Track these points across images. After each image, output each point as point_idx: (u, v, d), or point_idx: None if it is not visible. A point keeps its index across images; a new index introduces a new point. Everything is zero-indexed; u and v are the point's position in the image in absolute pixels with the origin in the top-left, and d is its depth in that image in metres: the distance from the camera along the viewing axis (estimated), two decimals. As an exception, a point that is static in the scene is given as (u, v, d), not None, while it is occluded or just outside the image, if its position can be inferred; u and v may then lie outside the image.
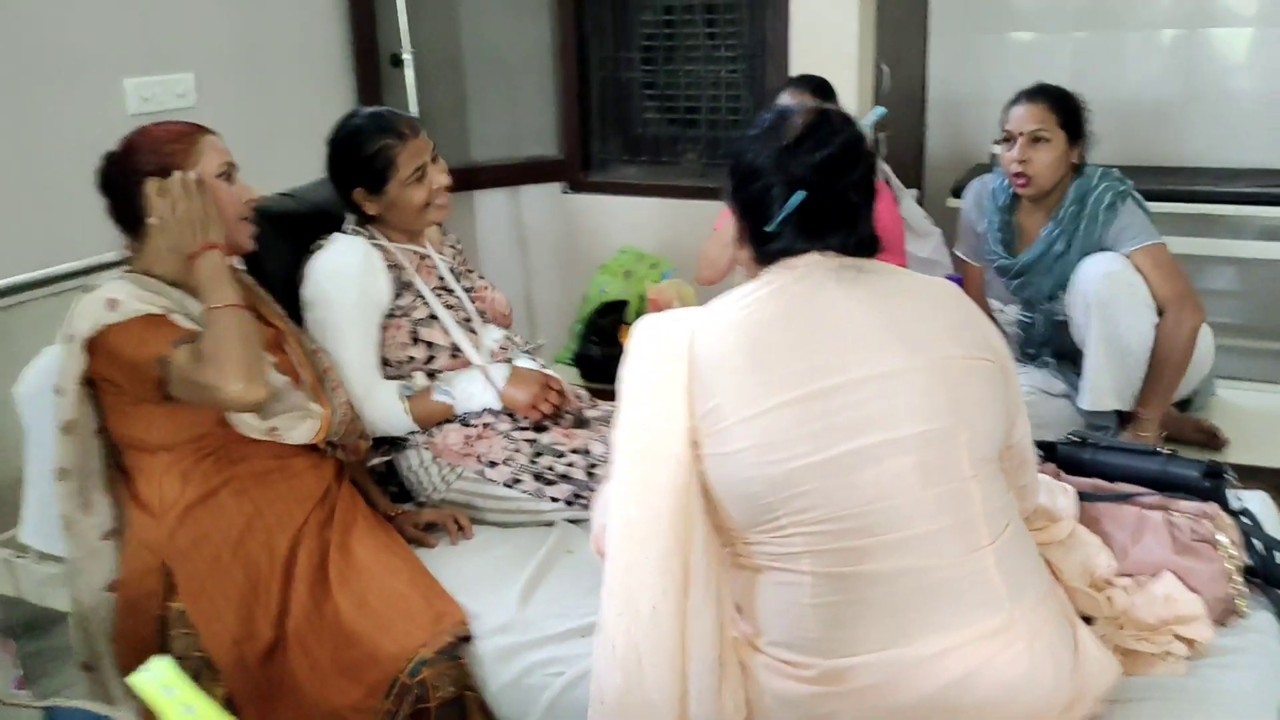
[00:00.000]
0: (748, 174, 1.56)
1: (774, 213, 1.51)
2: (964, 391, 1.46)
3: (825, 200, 1.49)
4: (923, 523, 1.42)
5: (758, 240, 1.56)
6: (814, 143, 1.50)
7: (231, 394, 1.74)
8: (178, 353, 1.78)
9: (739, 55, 3.99)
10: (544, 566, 1.98)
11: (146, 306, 1.82)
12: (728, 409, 1.44)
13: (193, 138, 1.97)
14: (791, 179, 1.50)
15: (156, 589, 1.86)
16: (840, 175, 1.50)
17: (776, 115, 1.59)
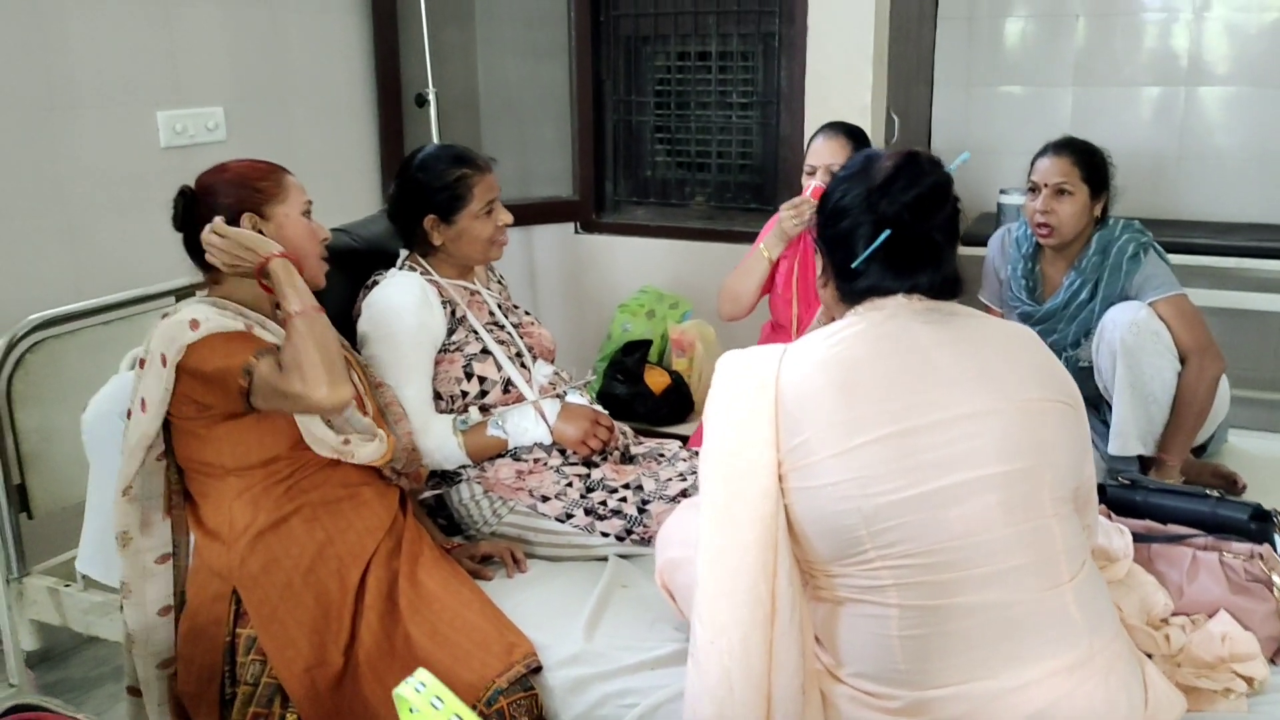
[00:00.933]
0: (836, 213, 1.62)
1: (859, 250, 1.57)
2: (1045, 433, 1.52)
3: (912, 239, 1.55)
4: (1007, 558, 1.47)
5: (843, 277, 1.61)
6: (904, 183, 1.56)
7: (317, 399, 1.77)
8: (261, 362, 1.81)
9: (752, 102, 4.08)
10: (603, 600, 2.01)
11: (229, 323, 1.85)
12: (816, 444, 1.49)
13: (278, 175, 2.02)
14: (880, 218, 1.56)
15: (224, 615, 1.88)
16: (928, 216, 1.56)
17: (865, 158, 1.65)
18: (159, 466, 1.96)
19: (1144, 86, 4.21)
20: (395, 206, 2.35)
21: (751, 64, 4.06)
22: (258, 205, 1.96)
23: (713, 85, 4.13)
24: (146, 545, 1.97)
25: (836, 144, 2.91)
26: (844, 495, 1.47)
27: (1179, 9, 4.08)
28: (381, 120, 3.96)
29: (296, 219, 2.00)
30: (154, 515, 1.98)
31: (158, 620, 2.00)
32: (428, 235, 2.30)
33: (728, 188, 4.20)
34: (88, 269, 3.02)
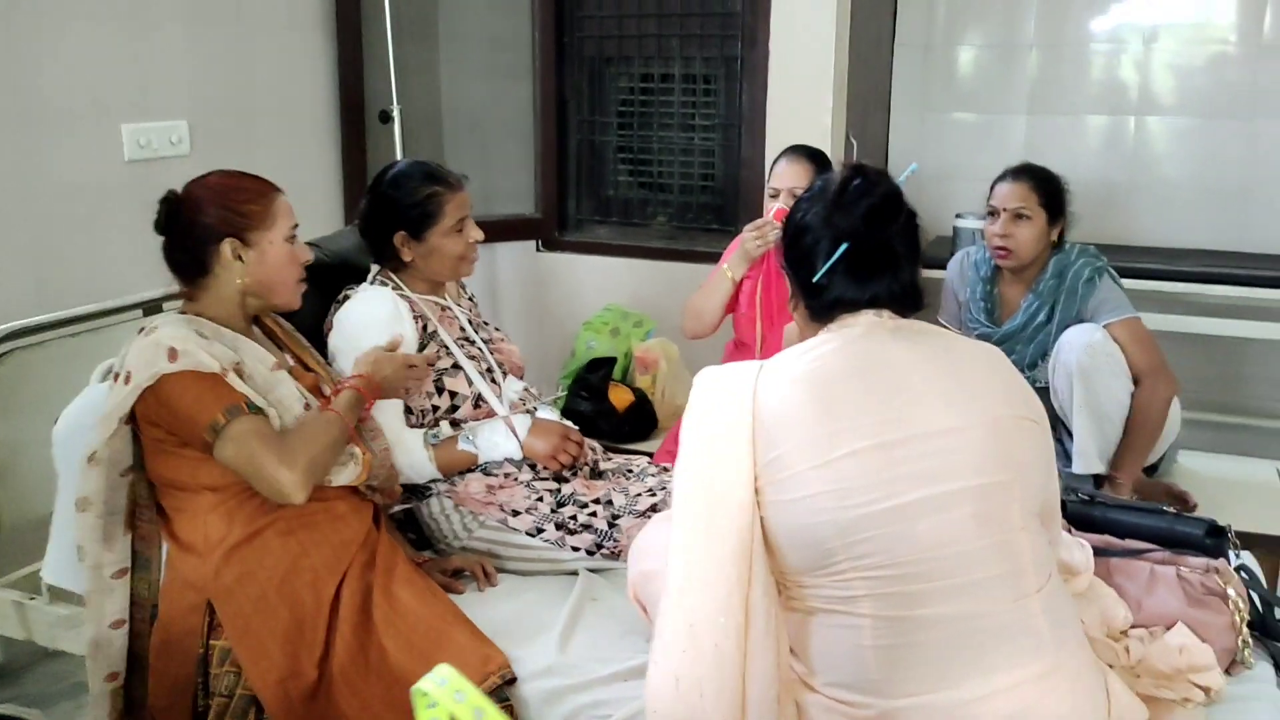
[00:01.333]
0: (798, 233, 1.67)
1: (819, 265, 1.61)
2: (1016, 449, 1.56)
3: (870, 249, 1.61)
4: (977, 570, 1.51)
5: (809, 295, 1.66)
6: (855, 194, 1.61)
7: (284, 480, 1.81)
8: (236, 423, 1.82)
9: (714, 124, 4.13)
10: (575, 614, 2.03)
11: (204, 360, 1.84)
12: (794, 457, 1.52)
13: (269, 198, 2.01)
14: (837, 231, 1.61)
15: (199, 627, 1.87)
16: (883, 225, 1.62)
17: (823, 180, 1.71)
18: (123, 482, 1.96)
19: (1095, 115, 4.32)
20: (366, 222, 2.36)
21: (714, 87, 4.12)
22: (241, 231, 1.96)
23: (675, 107, 4.18)
24: (107, 560, 1.96)
25: (799, 167, 2.96)
26: (821, 507, 1.50)
27: (1127, 41, 4.20)
28: (344, 136, 3.97)
29: (279, 246, 2.00)
30: (115, 530, 1.96)
31: (111, 633, 1.98)
32: (398, 251, 2.31)
33: (689, 208, 4.25)
34: (50, 281, 3.00)
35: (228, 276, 1.97)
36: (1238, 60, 4.06)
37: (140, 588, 1.99)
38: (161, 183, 3.26)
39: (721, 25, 4.02)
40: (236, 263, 1.96)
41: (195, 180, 2.03)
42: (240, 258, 1.96)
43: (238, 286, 1.97)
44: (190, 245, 1.97)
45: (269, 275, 1.98)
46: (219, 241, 1.94)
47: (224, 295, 1.99)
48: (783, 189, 2.94)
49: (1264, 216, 4.12)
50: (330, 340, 2.27)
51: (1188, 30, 4.12)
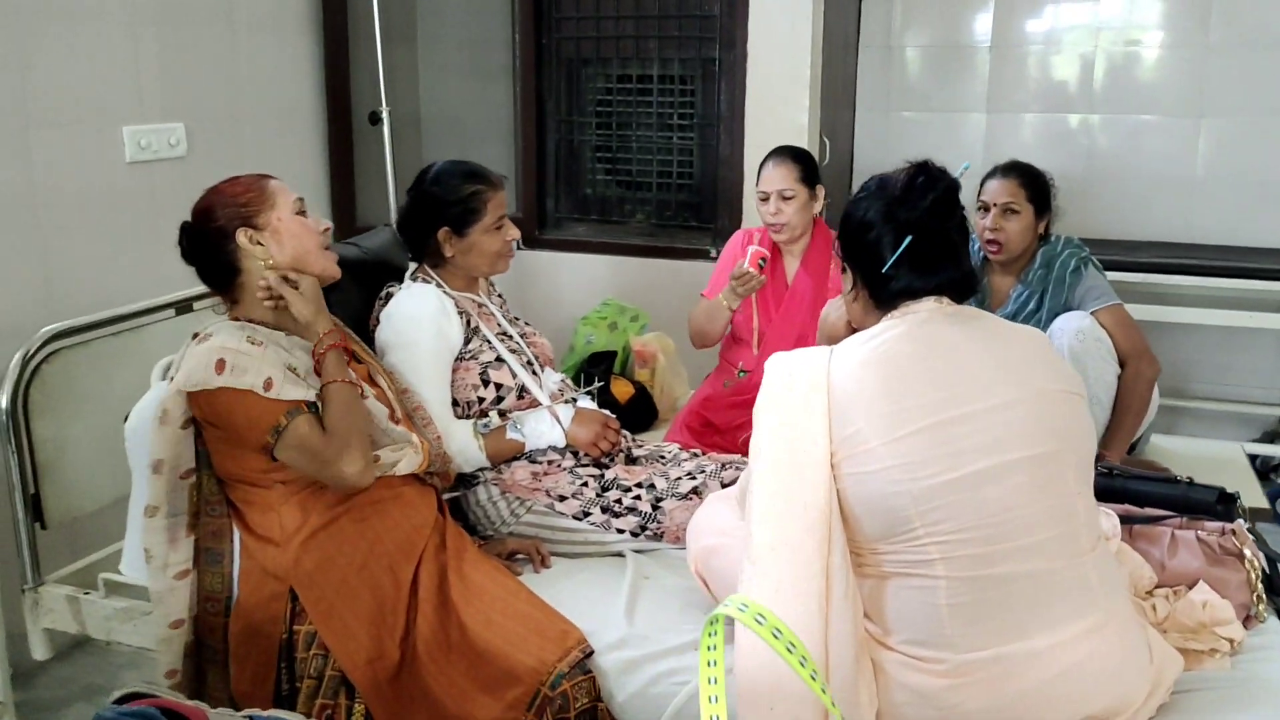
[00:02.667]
0: (860, 228, 1.80)
1: (886, 257, 1.74)
2: (1065, 420, 1.71)
3: (932, 241, 1.74)
4: (1038, 531, 1.65)
5: (875, 285, 1.78)
6: (921, 190, 1.75)
7: (349, 473, 1.89)
8: (297, 421, 1.89)
9: (692, 124, 4.24)
10: (634, 590, 2.12)
11: (255, 373, 1.90)
12: (868, 433, 1.65)
13: (261, 184, 2.07)
14: (902, 225, 1.75)
15: (281, 614, 1.94)
16: (945, 217, 1.76)
17: (878, 179, 1.84)
18: (184, 484, 2.02)
19: (1052, 113, 4.51)
20: (408, 219, 2.43)
21: (691, 87, 4.23)
22: (247, 219, 2.02)
23: (653, 107, 4.28)
24: (172, 561, 2.02)
25: (786, 169, 3.06)
26: (894, 479, 1.63)
27: (1081, 41, 4.40)
28: (331, 137, 4.01)
29: (290, 220, 2.05)
30: (179, 533, 2.03)
31: (169, 633, 2.04)
32: (440, 247, 2.38)
33: (668, 206, 4.35)
34: (58, 282, 3.01)
35: (256, 267, 2.03)
36: (1186, 60, 4.27)
37: (212, 582, 2.05)
38: (162, 184, 3.33)
39: (699, 27, 4.12)
40: (257, 248, 2.02)
41: (197, 202, 2.10)
42: (259, 243, 2.02)
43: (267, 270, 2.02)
44: (213, 254, 2.04)
45: (291, 249, 2.04)
46: (233, 236, 2.01)
47: (258, 292, 2.04)
48: (772, 192, 3.04)
49: (1208, 209, 4.35)
50: (379, 335, 2.34)
51: (1137, 31, 4.32)
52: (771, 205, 3.03)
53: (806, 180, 3.06)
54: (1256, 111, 4.21)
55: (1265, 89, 4.18)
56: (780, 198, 3.01)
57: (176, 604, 2.04)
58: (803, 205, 3.05)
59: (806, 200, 3.06)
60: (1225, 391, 4.48)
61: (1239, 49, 4.19)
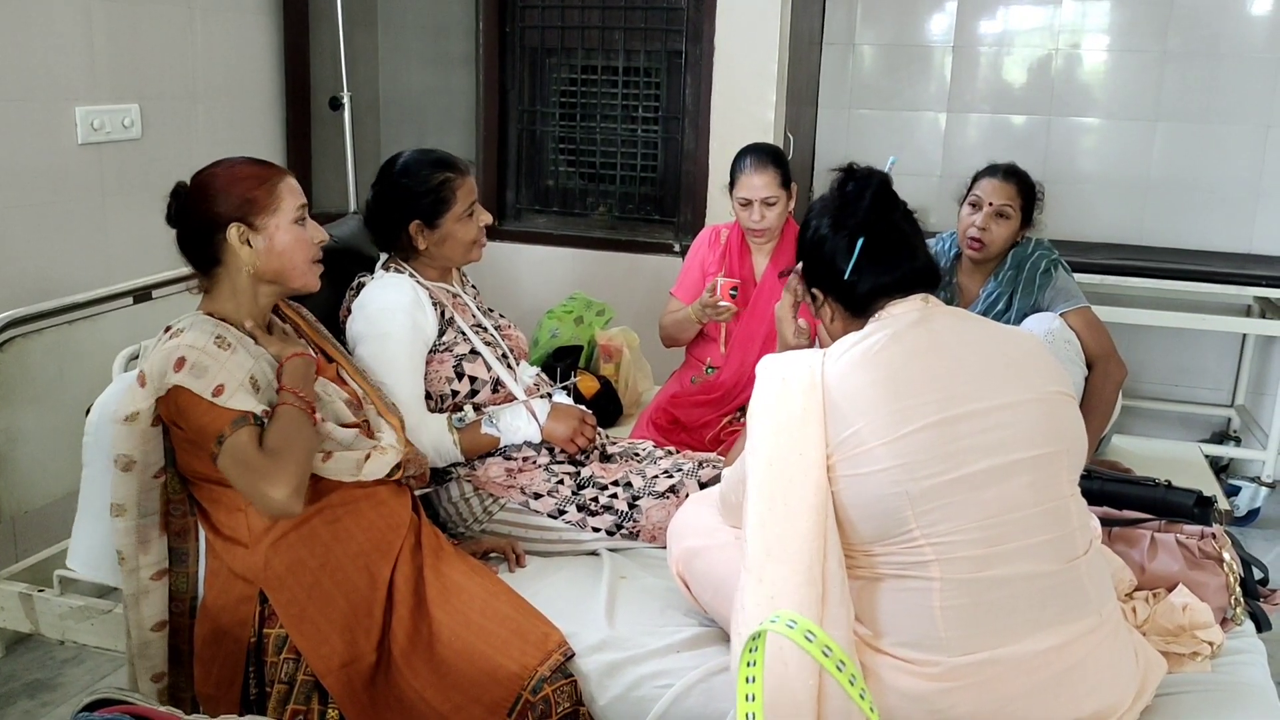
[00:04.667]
0: (814, 245, 1.83)
1: (844, 266, 1.75)
2: (1062, 422, 1.70)
3: (884, 237, 1.76)
4: (1035, 534, 1.63)
5: (843, 294, 1.79)
6: (855, 192, 1.77)
7: (275, 497, 1.75)
8: (239, 434, 1.79)
9: (657, 117, 4.21)
10: (611, 591, 2.08)
11: (210, 377, 1.81)
12: (867, 433, 1.62)
13: (272, 182, 1.97)
14: (850, 230, 1.76)
15: (250, 617, 1.87)
16: (888, 211, 1.78)
17: (820, 198, 1.87)
18: (156, 484, 1.94)
19: (1011, 115, 4.54)
20: (375, 212, 2.36)
21: (657, 80, 4.19)
22: (247, 216, 1.92)
23: (618, 99, 4.24)
24: (145, 563, 1.94)
25: (769, 175, 2.98)
26: (893, 480, 1.61)
27: (1040, 44, 4.42)
28: (290, 122, 3.92)
29: (287, 228, 1.96)
30: (151, 533, 1.95)
31: (152, 636, 1.97)
32: (412, 240, 2.32)
33: (631, 199, 4.31)
34: (4, 268, 2.90)
35: (237, 265, 1.94)
36: (1142, 66, 4.32)
37: (177, 582, 1.98)
38: (115, 167, 3.22)
39: (665, 19, 4.09)
40: (244, 248, 1.92)
41: (201, 170, 1.99)
42: (248, 243, 1.92)
43: (248, 274, 1.94)
44: (199, 235, 1.94)
45: (278, 260, 1.95)
46: (225, 229, 1.91)
47: (238, 286, 1.96)
48: (756, 199, 2.99)
49: (1160, 212, 4.40)
50: (351, 327, 2.28)
51: (1095, 35, 4.36)
52: (755, 213, 2.99)
53: (785, 183, 3.04)
54: (1209, 118, 4.27)
55: (1218, 96, 4.23)
56: (764, 205, 2.98)
57: (155, 606, 1.97)
58: (783, 208, 3.02)
59: (786, 202, 3.03)
60: (1174, 392, 4.54)
61: (1194, 57, 4.24)
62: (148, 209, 1.97)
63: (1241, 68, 4.20)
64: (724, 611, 1.88)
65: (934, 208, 4.29)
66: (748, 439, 1.73)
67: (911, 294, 1.76)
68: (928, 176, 4.62)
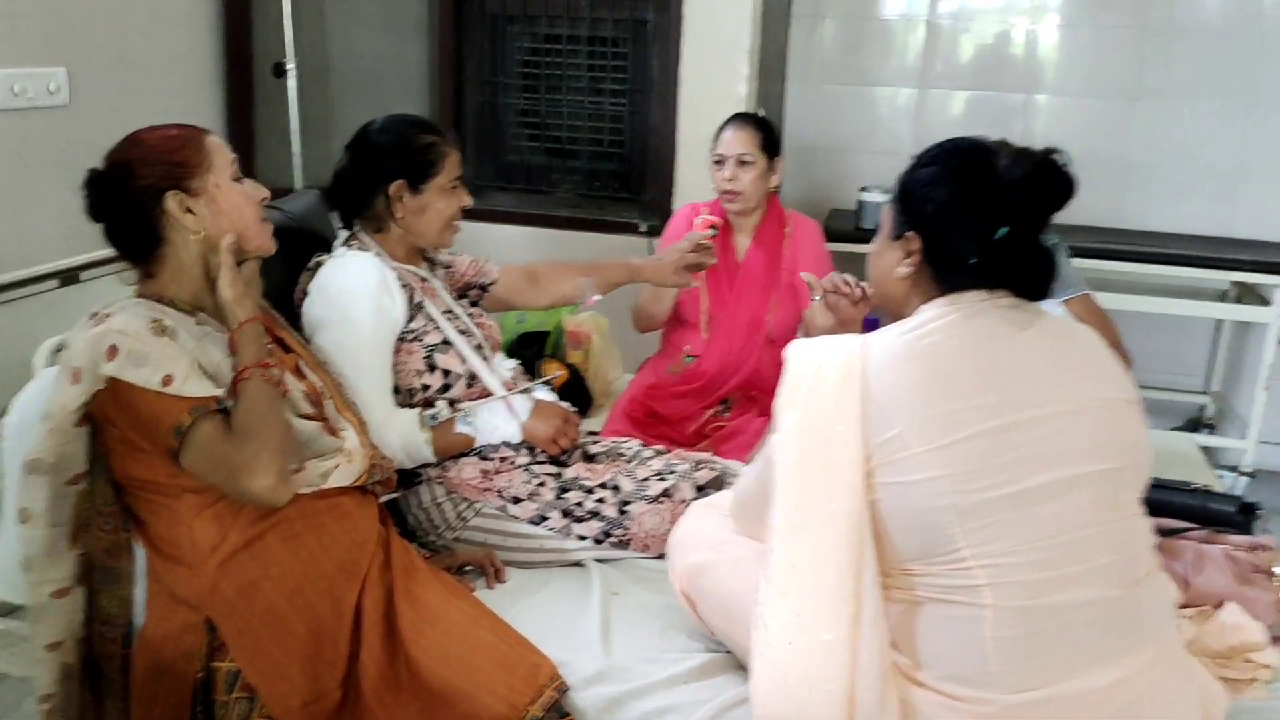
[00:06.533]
0: (953, 204, 1.54)
1: (969, 245, 1.51)
2: (1127, 432, 1.51)
3: (1025, 237, 1.51)
4: (1096, 557, 1.45)
5: (946, 264, 1.55)
6: (1036, 185, 1.50)
7: (258, 488, 1.55)
8: (201, 424, 1.57)
9: (623, 90, 3.99)
10: (605, 610, 1.87)
11: (153, 366, 1.57)
12: (911, 437, 1.43)
13: (196, 141, 1.73)
14: (1004, 215, 1.50)
15: (196, 648, 1.62)
16: (1047, 217, 1.53)
17: (978, 150, 1.57)
18: (70, 491, 1.68)
19: (985, 91, 4.38)
20: (350, 174, 2.12)
21: (623, 50, 3.97)
22: (181, 180, 1.69)
23: (582, 70, 4.01)
24: (50, 576, 1.69)
25: (745, 134, 2.86)
26: (941, 491, 1.41)
27: (1018, 19, 4.26)
28: (229, 89, 3.64)
29: (228, 186, 1.73)
30: (59, 545, 1.69)
31: (45, 655, 1.72)
32: (389, 205, 2.08)
33: (596, 175, 4.09)
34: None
35: (183, 239, 1.70)
36: (1122, 42, 4.18)
37: (109, 604, 1.73)
38: (37, 135, 2.93)
39: (631, -15, 3.87)
40: (188, 217, 1.69)
41: (113, 150, 1.74)
42: (190, 210, 1.69)
43: (196, 248, 1.70)
44: (132, 217, 1.70)
45: (228, 221, 1.72)
46: (160, 201, 1.67)
47: (185, 264, 1.71)
48: (730, 156, 2.83)
49: (1140, 193, 4.26)
50: (308, 311, 2.03)
51: (1075, 10, 4.21)
52: (727, 170, 2.80)
53: (766, 149, 2.85)
54: (1191, 96, 4.13)
55: (1200, 74, 4.10)
56: (738, 163, 2.79)
57: (53, 624, 1.71)
58: (760, 174, 2.83)
59: (764, 170, 2.84)
60: (1148, 378, 4.41)
61: (1176, 33, 4.10)
62: (75, 183, 1.71)
63: (1223, 45, 4.07)
64: (736, 635, 1.68)
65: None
66: (773, 435, 1.53)
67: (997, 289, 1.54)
68: (899, 155, 4.43)
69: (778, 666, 1.45)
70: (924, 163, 1.60)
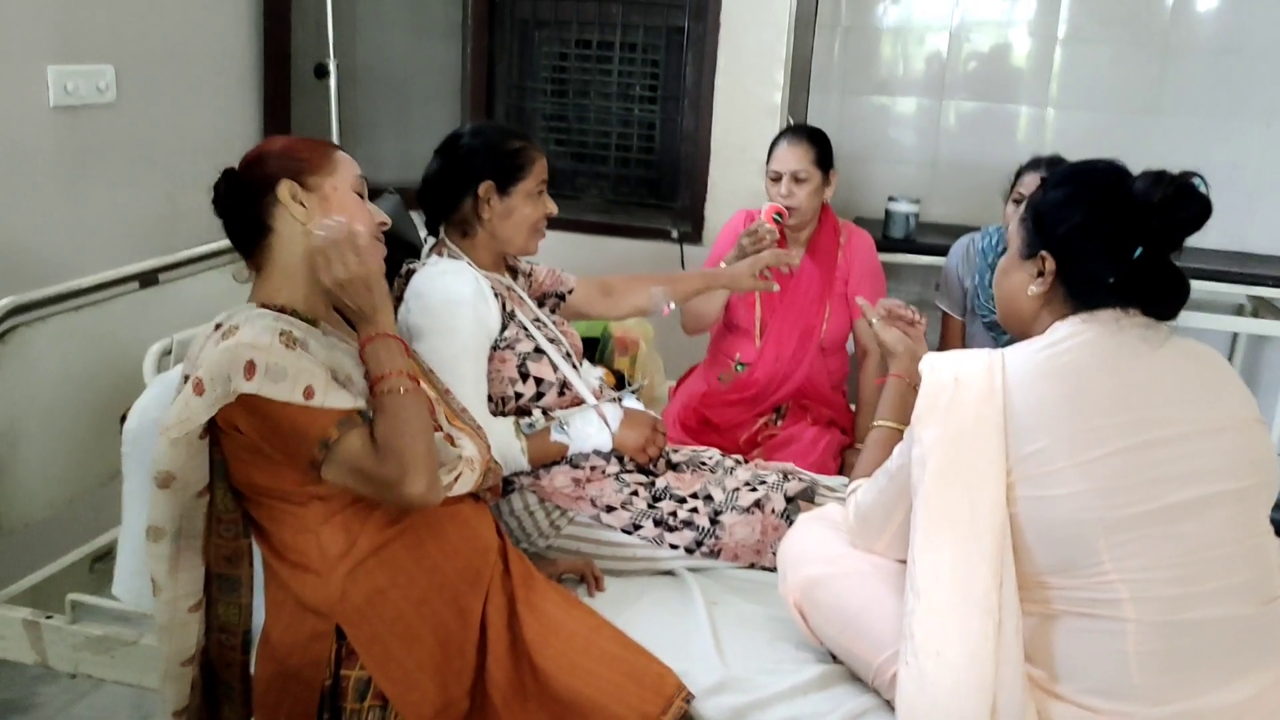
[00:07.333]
0: (1089, 225, 1.56)
1: (1106, 265, 1.54)
2: (1260, 451, 1.54)
3: (1160, 260, 1.54)
4: (1234, 574, 1.48)
5: (1080, 283, 1.57)
6: (1175, 207, 1.52)
7: (413, 493, 1.54)
8: (349, 437, 1.56)
9: (655, 97, 3.99)
10: (712, 620, 1.87)
11: (293, 380, 1.55)
12: (1055, 452, 1.45)
13: (327, 149, 1.74)
14: (1140, 236, 1.53)
15: (324, 656, 1.61)
16: (1183, 238, 1.55)
17: (1113, 172, 1.60)
18: (199, 504, 1.66)
19: (1005, 104, 4.41)
20: (440, 176, 2.11)
21: (655, 57, 3.97)
22: (298, 174, 1.68)
23: (614, 76, 4.01)
24: (181, 592, 1.68)
25: (800, 149, 2.87)
26: (1086, 505, 1.44)
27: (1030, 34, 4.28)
28: (267, 89, 3.61)
29: (347, 193, 1.71)
30: (192, 558, 1.68)
31: (180, 670, 1.72)
32: (477, 206, 2.08)
33: (626, 181, 4.09)
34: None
35: (290, 230, 1.67)
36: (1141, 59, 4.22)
37: (228, 613, 1.72)
38: (89, 132, 2.90)
39: (667, -7, 3.87)
40: (298, 208, 1.66)
41: (249, 152, 1.74)
42: (301, 203, 1.67)
43: (301, 241, 1.66)
44: (247, 204, 1.68)
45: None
46: (274, 187, 1.66)
47: (292, 262, 1.68)
48: (785, 172, 2.84)
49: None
50: (406, 320, 2.01)
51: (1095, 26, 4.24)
52: (784, 187, 2.82)
53: (821, 163, 2.87)
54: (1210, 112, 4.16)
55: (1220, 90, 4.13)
56: (794, 179, 2.81)
57: (188, 639, 1.71)
58: (815, 189, 2.85)
59: (820, 184, 2.86)
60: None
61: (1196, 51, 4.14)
62: (123, 180, 1.68)
63: (1245, 62, 4.12)
64: (855, 648, 1.69)
65: (927, 197, 4.15)
66: (907, 448, 1.55)
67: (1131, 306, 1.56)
68: (919, 164, 4.47)
69: (925, 677, 1.46)
70: (1057, 184, 1.62)
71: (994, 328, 2.96)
